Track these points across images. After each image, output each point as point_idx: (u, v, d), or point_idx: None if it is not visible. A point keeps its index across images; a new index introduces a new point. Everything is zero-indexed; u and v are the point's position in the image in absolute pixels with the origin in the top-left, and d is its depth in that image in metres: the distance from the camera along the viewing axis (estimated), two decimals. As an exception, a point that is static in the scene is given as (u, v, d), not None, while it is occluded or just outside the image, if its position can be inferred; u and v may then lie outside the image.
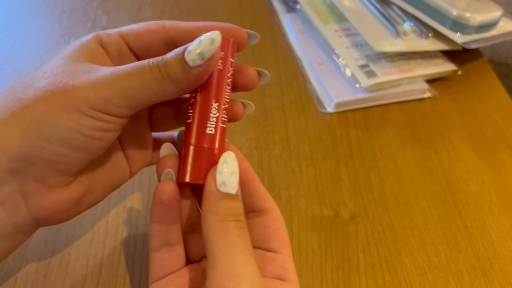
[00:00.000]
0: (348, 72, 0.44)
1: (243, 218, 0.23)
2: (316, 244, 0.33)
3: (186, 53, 0.21)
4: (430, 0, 0.45)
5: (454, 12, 0.43)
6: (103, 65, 0.23)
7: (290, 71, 0.46)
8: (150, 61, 0.22)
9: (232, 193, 0.22)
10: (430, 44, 0.45)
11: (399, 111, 0.43)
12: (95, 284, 0.30)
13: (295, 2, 0.52)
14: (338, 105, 0.42)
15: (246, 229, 0.22)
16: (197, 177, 0.24)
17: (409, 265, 0.32)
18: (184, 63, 0.21)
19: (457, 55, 0.46)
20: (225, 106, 0.24)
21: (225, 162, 0.23)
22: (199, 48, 0.21)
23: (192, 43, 0.22)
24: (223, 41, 0.24)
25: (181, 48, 0.22)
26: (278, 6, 0.53)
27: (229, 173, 0.23)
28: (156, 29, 0.25)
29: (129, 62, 0.25)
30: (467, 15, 0.43)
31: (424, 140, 0.40)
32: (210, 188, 0.22)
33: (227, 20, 0.51)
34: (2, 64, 0.45)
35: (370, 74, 0.43)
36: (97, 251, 0.32)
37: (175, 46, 0.23)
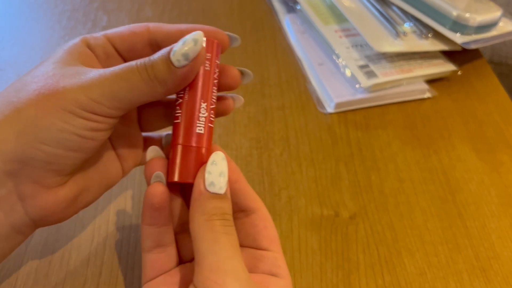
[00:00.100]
0: (348, 72, 0.44)
1: (230, 217, 0.23)
2: (316, 244, 0.33)
3: (171, 54, 0.22)
4: (430, 1, 0.45)
5: (454, 13, 0.43)
6: (91, 66, 0.24)
7: (290, 71, 0.46)
8: (138, 62, 0.22)
9: (221, 193, 0.23)
10: (430, 45, 0.45)
11: (399, 111, 0.43)
12: (95, 284, 0.30)
13: (295, 2, 0.52)
14: (338, 105, 0.42)
15: (233, 227, 0.23)
16: (186, 176, 0.24)
17: (409, 265, 0.32)
18: (170, 63, 0.22)
19: (457, 55, 0.46)
20: (212, 106, 0.25)
21: (214, 162, 0.23)
22: (184, 49, 0.22)
23: (176, 44, 0.22)
24: (208, 43, 0.24)
25: (166, 49, 0.22)
26: (278, 7, 0.53)
27: (218, 173, 0.23)
28: (141, 32, 0.25)
29: (116, 63, 0.25)
30: (467, 15, 0.43)
31: (424, 140, 0.40)
32: (199, 188, 0.23)
33: (228, 21, 0.51)
34: (2, 64, 0.45)
35: (370, 74, 0.43)
36: (97, 251, 0.32)
37: (159, 48, 0.24)
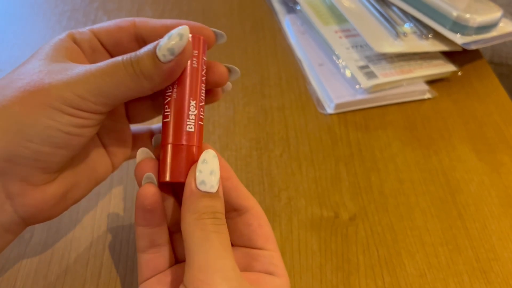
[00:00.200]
0: (348, 73, 0.44)
1: (222, 215, 0.23)
2: (316, 245, 0.33)
3: (157, 49, 0.22)
4: (430, 1, 0.45)
5: (454, 13, 0.43)
6: (78, 61, 0.24)
7: (290, 72, 0.46)
8: (124, 57, 0.22)
9: (212, 192, 0.22)
10: (430, 45, 0.45)
11: (399, 112, 0.43)
12: (94, 285, 0.30)
13: (295, 3, 0.52)
14: (338, 106, 0.42)
15: (224, 226, 0.23)
16: (178, 176, 0.23)
17: (409, 266, 0.32)
18: (156, 58, 0.22)
19: (457, 56, 0.46)
20: (202, 103, 0.24)
21: (204, 161, 0.23)
22: (169, 44, 0.22)
23: (162, 39, 0.22)
24: (194, 40, 0.24)
25: (152, 44, 0.22)
26: (278, 7, 0.53)
27: (208, 171, 0.23)
28: (127, 26, 0.25)
29: (102, 57, 0.25)
30: (467, 16, 0.43)
31: (424, 141, 0.40)
32: (190, 187, 0.23)
33: (228, 21, 0.51)
34: (2, 64, 0.45)
35: (370, 75, 0.43)
36: (96, 252, 0.32)
37: (145, 43, 0.24)
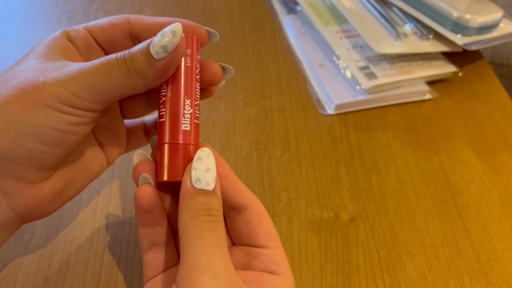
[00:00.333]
0: (348, 73, 0.44)
1: (218, 213, 0.23)
2: (316, 247, 0.33)
3: (151, 46, 0.22)
4: (430, 2, 0.45)
5: (455, 14, 0.43)
6: (72, 59, 0.24)
7: (290, 72, 0.46)
8: (117, 55, 0.22)
9: (208, 189, 0.22)
10: (431, 46, 0.45)
11: (399, 112, 0.43)
12: (94, 285, 0.30)
13: (295, 3, 0.52)
14: (338, 106, 0.42)
15: (220, 223, 0.22)
16: (175, 175, 0.23)
17: (409, 267, 0.32)
18: (149, 56, 0.22)
19: (457, 56, 0.46)
20: (197, 102, 0.24)
21: (199, 158, 0.23)
22: (163, 41, 0.22)
23: (155, 36, 0.22)
24: (187, 39, 0.24)
25: (146, 42, 0.22)
26: (278, 7, 0.53)
27: (204, 169, 0.23)
28: (121, 24, 0.25)
29: (97, 55, 0.25)
30: (468, 16, 0.43)
31: (425, 141, 0.40)
32: (186, 185, 0.23)
33: (228, 21, 0.51)
34: (2, 65, 0.45)
35: (371, 75, 0.43)
36: (96, 253, 0.31)
37: (138, 40, 0.24)
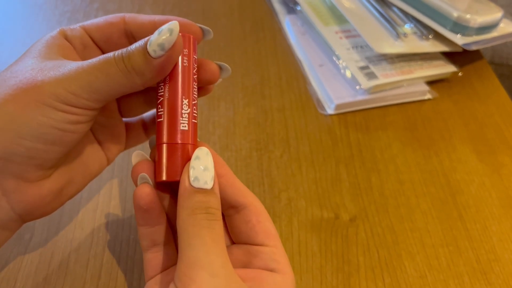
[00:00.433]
0: (348, 73, 0.44)
1: (216, 211, 0.23)
2: (316, 247, 0.33)
3: (148, 44, 0.22)
4: (430, 2, 0.45)
5: (455, 14, 0.43)
6: (70, 58, 0.24)
7: (290, 72, 0.46)
8: (115, 53, 0.22)
9: (206, 188, 0.23)
10: (431, 46, 0.45)
11: (399, 112, 0.43)
12: (94, 285, 0.30)
13: (295, 3, 0.52)
14: (338, 106, 0.42)
15: (218, 222, 0.22)
16: (173, 174, 0.23)
17: (409, 267, 0.32)
18: (147, 54, 0.22)
19: (457, 56, 0.46)
20: (194, 102, 0.25)
21: (197, 157, 0.23)
22: (160, 39, 0.22)
23: (153, 35, 0.22)
24: (184, 38, 0.24)
25: (143, 40, 0.22)
26: (278, 7, 0.53)
27: (201, 168, 0.23)
28: (117, 22, 0.26)
29: (93, 54, 0.26)
30: (468, 16, 0.43)
31: (425, 141, 0.40)
32: (184, 183, 0.23)
33: (228, 21, 0.51)
34: (2, 65, 0.45)
35: (371, 75, 0.43)
36: (96, 253, 0.31)
37: (134, 39, 0.24)
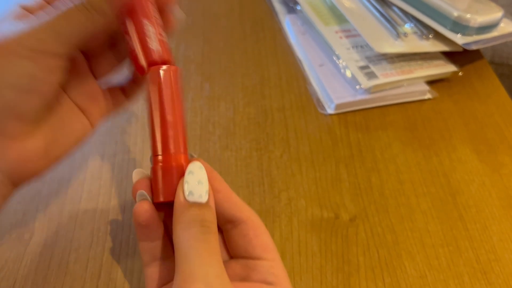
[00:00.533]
0: (348, 73, 0.44)
1: (211, 224, 0.23)
2: (316, 247, 0.33)
3: None
4: (430, 1, 0.45)
5: (455, 13, 0.43)
6: None
7: (291, 72, 0.46)
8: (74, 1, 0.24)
9: (201, 202, 0.23)
10: (431, 45, 0.45)
11: (399, 112, 0.43)
12: (94, 286, 0.30)
13: (295, 3, 0.52)
14: (338, 106, 0.42)
15: (213, 235, 0.23)
16: (170, 195, 0.24)
17: (409, 267, 0.32)
18: None
19: (457, 56, 0.46)
20: (158, 24, 0.25)
21: (191, 172, 0.24)
22: None
23: None
24: None
25: None
26: (278, 7, 0.53)
27: (195, 182, 0.23)
28: None
29: None
30: (468, 16, 0.43)
31: (425, 141, 0.40)
32: (179, 198, 0.23)
33: (228, 21, 0.51)
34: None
35: (371, 75, 0.43)
36: (96, 253, 0.31)
37: None
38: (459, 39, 0.43)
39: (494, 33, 0.45)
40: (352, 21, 0.46)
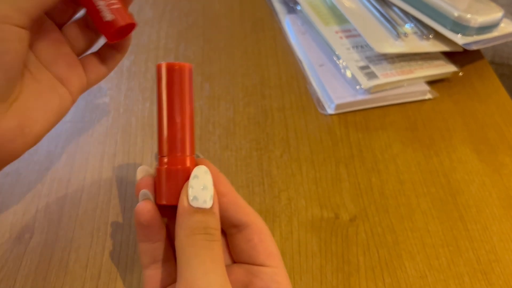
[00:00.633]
0: (348, 73, 0.44)
1: (215, 231, 0.23)
2: (316, 247, 0.32)
3: None
4: (430, 1, 0.45)
5: (455, 13, 0.43)
6: None
7: (291, 72, 0.46)
8: None
9: (205, 207, 0.22)
10: (431, 46, 0.45)
11: (399, 112, 0.43)
12: (94, 286, 0.30)
13: (295, 3, 0.52)
14: (338, 106, 0.42)
15: (217, 242, 0.22)
16: (174, 199, 0.23)
17: (410, 267, 0.32)
18: None
19: (458, 56, 0.46)
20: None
21: (196, 176, 0.23)
22: None
23: None
24: None
25: None
26: (278, 7, 0.53)
27: (200, 187, 0.23)
28: None
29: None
30: (468, 16, 0.43)
31: (425, 141, 0.40)
32: (183, 203, 0.23)
33: (228, 21, 0.51)
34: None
35: (371, 75, 0.43)
36: (96, 253, 0.31)
37: None
38: (459, 39, 0.43)
39: (494, 33, 0.45)
40: (352, 21, 0.46)
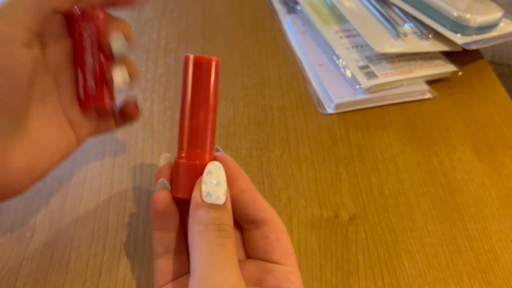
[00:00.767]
0: (348, 73, 0.44)
1: (228, 228, 0.23)
2: (315, 246, 0.33)
3: None
4: (430, 1, 0.45)
5: (455, 13, 0.43)
6: None
7: (291, 72, 0.46)
8: None
9: (218, 203, 0.23)
10: (431, 45, 0.45)
11: (399, 112, 0.43)
12: (95, 284, 0.30)
13: (295, 3, 0.52)
14: (338, 106, 0.42)
15: (230, 239, 0.22)
16: (188, 193, 0.24)
17: (409, 267, 0.32)
18: None
19: (457, 56, 0.46)
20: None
21: (209, 172, 0.23)
22: None
23: None
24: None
25: None
26: (278, 7, 0.53)
27: (214, 183, 0.23)
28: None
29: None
30: (468, 16, 0.43)
31: (425, 141, 0.40)
32: (196, 199, 0.23)
33: (228, 21, 0.51)
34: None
35: (370, 75, 0.43)
36: (97, 252, 0.32)
37: None
38: (459, 39, 0.43)
39: (494, 33, 0.45)
40: (352, 21, 0.46)
